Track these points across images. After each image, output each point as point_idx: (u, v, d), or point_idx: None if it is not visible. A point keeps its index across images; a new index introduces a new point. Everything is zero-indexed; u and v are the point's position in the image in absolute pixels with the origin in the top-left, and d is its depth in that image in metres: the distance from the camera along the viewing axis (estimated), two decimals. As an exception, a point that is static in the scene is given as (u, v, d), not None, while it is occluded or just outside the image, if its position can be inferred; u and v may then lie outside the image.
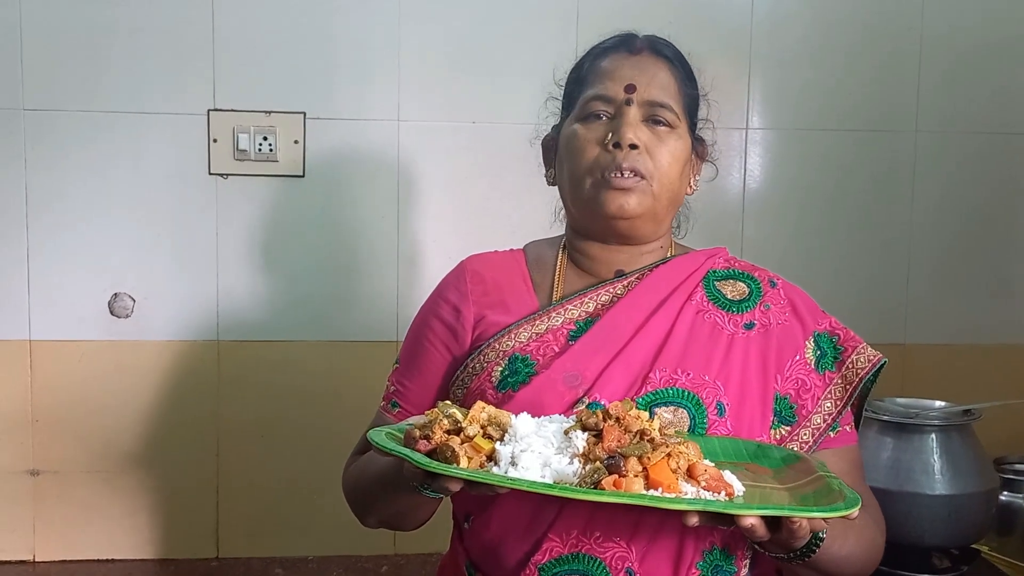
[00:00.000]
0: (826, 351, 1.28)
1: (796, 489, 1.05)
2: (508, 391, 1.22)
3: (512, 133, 2.03)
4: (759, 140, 2.19)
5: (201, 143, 2.05)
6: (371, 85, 2.08)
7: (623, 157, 1.23)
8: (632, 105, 1.25)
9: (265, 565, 2.10)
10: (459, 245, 1.70)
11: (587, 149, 1.25)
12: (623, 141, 1.23)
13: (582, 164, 1.26)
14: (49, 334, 2.06)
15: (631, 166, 1.23)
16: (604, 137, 1.25)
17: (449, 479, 0.97)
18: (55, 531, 2.10)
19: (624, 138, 1.23)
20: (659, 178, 1.25)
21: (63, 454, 2.08)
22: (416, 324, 1.37)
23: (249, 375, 2.10)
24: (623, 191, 1.24)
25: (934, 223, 2.23)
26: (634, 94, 1.25)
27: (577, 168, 1.26)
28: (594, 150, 1.25)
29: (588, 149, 1.25)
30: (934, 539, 1.69)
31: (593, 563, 1.15)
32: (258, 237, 2.09)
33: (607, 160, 1.24)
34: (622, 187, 1.23)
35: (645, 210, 1.25)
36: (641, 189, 1.24)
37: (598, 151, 1.25)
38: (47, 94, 2.01)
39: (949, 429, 1.72)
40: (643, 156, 1.24)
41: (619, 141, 1.23)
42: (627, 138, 1.23)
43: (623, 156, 1.23)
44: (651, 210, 1.26)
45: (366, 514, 1.32)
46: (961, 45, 2.19)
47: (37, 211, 2.03)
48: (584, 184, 1.26)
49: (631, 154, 1.23)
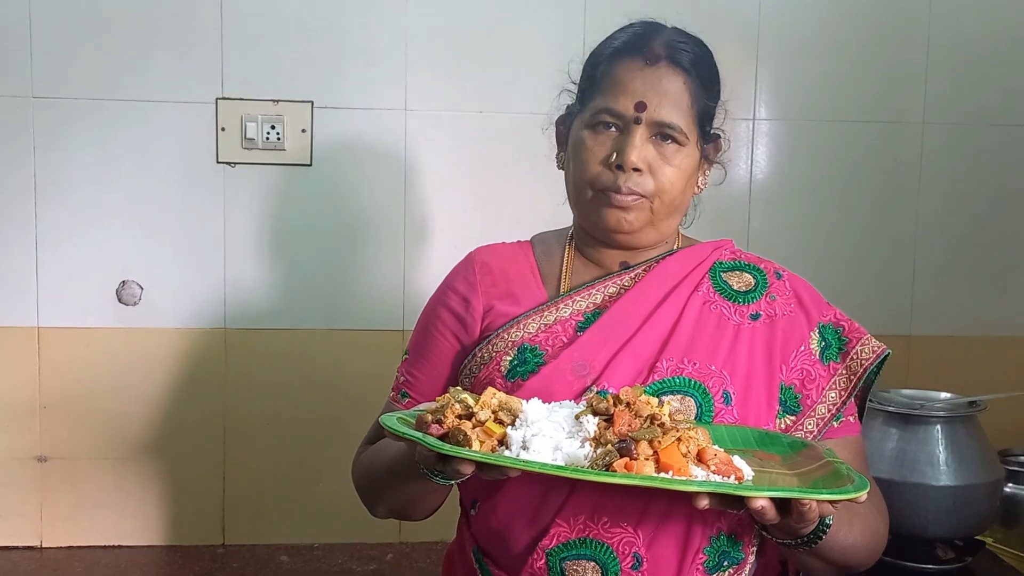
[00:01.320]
0: (831, 342, 1.30)
1: (805, 475, 1.06)
2: (517, 380, 1.23)
3: (519, 123, 2.05)
4: (766, 131, 2.19)
5: (209, 131, 2.05)
6: (379, 74, 2.08)
7: (624, 180, 1.24)
8: (640, 124, 1.24)
9: (271, 552, 2.12)
10: (466, 235, 1.71)
11: (591, 164, 1.26)
12: (626, 164, 1.23)
13: (585, 177, 1.27)
14: (57, 321, 2.07)
15: (631, 188, 1.24)
16: (609, 155, 1.25)
17: (462, 462, 0.98)
18: (62, 517, 2.11)
19: (627, 162, 1.23)
20: (660, 196, 1.26)
21: (70, 440, 2.10)
22: (425, 315, 1.38)
23: (256, 363, 2.11)
24: (622, 208, 1.25)
25: (941, 215, 2.23)
26: (643, 112, 1.24)
27: (580, 179, 1.28)
28: (597, 167, 1.26)
29: (592, 164, 1.26)
30: (939, 530, 1.70)
31: (600, 548, 1.16)
32: (265, 226, 2.10)
33: (609, 179, 1.25)
34: (621, 205, 1.25)
35: (644, 224, 1.27)
36: (640, 207, 1.26)
37: (601, 169, 1.26)
38: (56, 82, 2.02)
39: (954, 421, 1.72)
40: (645, 178, 1.24)
41: (622, 163, 1.23)
42: (630, 161, 1.23)
43: (625, 179, 1.24)
44: (651, 223, 1.28)
45: (376, 503, 1.33)
46: (970, 37, 2.19)
47: (46, 198, 2.04)
48: (586, 195, 1.28)
49: (633, 176, 1.24)
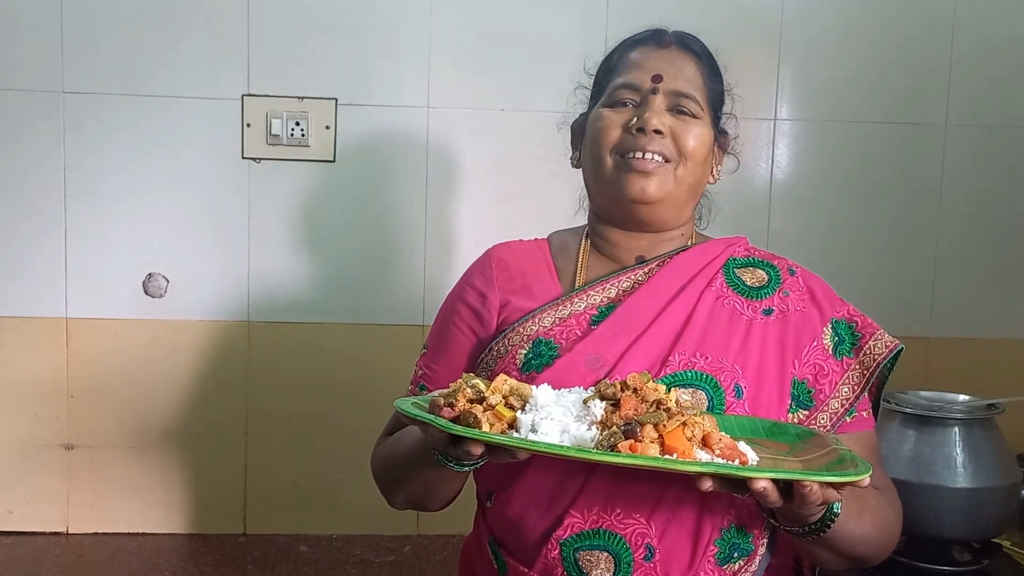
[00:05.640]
0: (844, 337, 1.30)
1: (810, 461, 1.07)
2: (532, 373, 1.24)
3: (540, 121, 2.05)
4: (787, 131, 2.19)
5: (235, 128, 2.09)
6: (402, 72, 2.11)
7: (647, 141, 1.25)
8: (658, 94, 1.27)
9: (291, 542, 2.15)
10: (486, 231, 1.73)
11: (611, 130, 1.28)
12: (647, 127, 1.25)
13: (606, 144, 1.28)
14: (85, 312, 2.11)
15: (655, 149, 1.25)
16: (629, 121, 1.27)
17: (471, 443, 1.00)
18: (88, 504, 2.15)
19: (648, 124, 1.25)
20: (683, 161, 1.27)
21: (97, 429, 2.14)
22: (443, 310, 1.40)
23: (278, 355, 2.14)
24: (644, 174, 1.26)
25: (962, 217, 2.23)
26: (660, 83, 1.28)
27: (600, 149, 1.29)
28: (618, 132, 1.28)
29: (612, 131, 1.28)
30: (955, 532, 1.69)
31: (613, 539, 1.18)
32: (289, 221, 2.12)
33: (631, 142, 1.26)
34: (644, 170, 1.26)
35: (666, 194, 1.27)
36: (664, 172, 1.26)
37: (622, 133, 1.28)
38: (86, 77, 2.06)
39: (972, 423, 1.71)
40: (667, 140, 1.26)
41: (643, 126, 1.25)
42: (651, 124, 1.25)
43: (647, 140, 1.25)
44: (672, 195, 1.28)
45: (393, 493, 1.35)
46: (992, 38, 2.18)
47: (75, 192, 2.08)
48: (606, 164, 1.29)
49: (655, 138, 1.25)
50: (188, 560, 2.08)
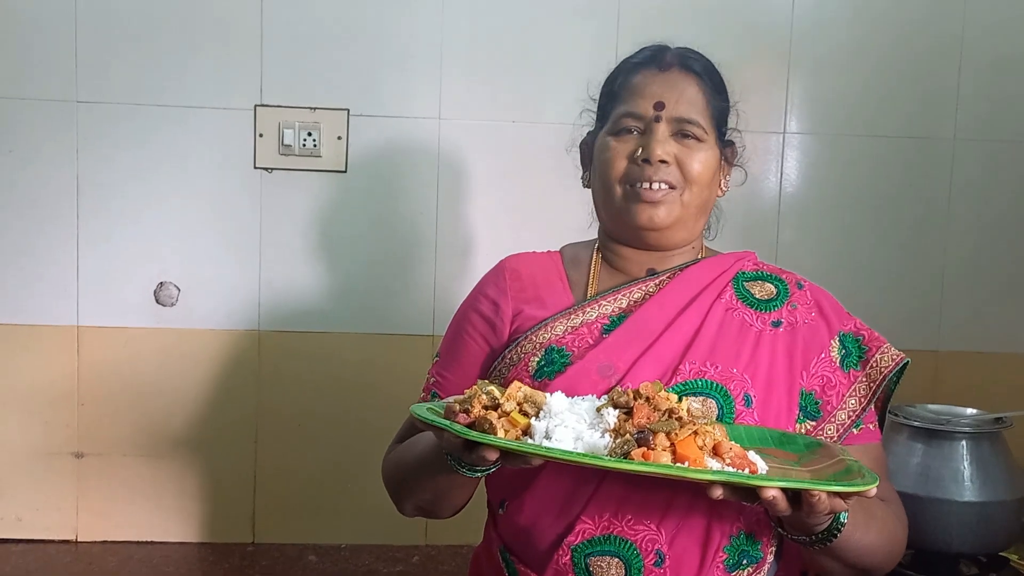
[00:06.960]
0: (851, 350, 1.32)
1: (818, 471, 1.09)
2: (544, 380, 1.26)
3: (551, 133, 2.06)
4: (796, 144, 2.20)
5: (247, 137, 2.10)
6: (414, 83, 2.12)
7: (653, 172, 1.28)
8: (661, 122, 1.30)
9: (299, 551, 2.15)
10: (497, 242, 1.74)
11: (618, 161, 1.31)
12: (652, 157, 1.28)
13: (614, 175, 1.31)
14: (97, 320, 2.12)
15: (661, 178, 1.28)
16: (634, 151, 1.30)
17: (487, 448, 1.02)
18: (97, 512, 2.16)
19: (653, 154, 1.28)
20: (689, 186, 1.30)
21: (107, 437, 2.14)
22: (456, 319, 1.42)
23: (288, 365, 2.15)
24: (652, 204, 1.29)
25: (970, 231, 2.23)
26: (663, 111, 1.30)
27: (608, 179, 1.32)
28: (624, 163, 1.31)
29: (618, 161, 1.31)
30: (962, 546, 1.69)
31: (624, 545, 1.19)
32: (300, 231, 2.14)
33: (637, 173, 1.29)
34: (652, 200, 1.29)
35: (675, 220, 1.31)
36: (671, 200, 1.30)
37: (628, 164, 1.30)
38: (99, 87, 2.07)
39: (980, 437, 1.72)
40: (672, 168, 1.29)
41: (648, 157, 1.28)
42: (656, 154, 1.28)
43: (653, 171, 1.28)
44: (681, 219, 1.31)
45: (404, 499, 1.36)
46: (1001, 54, 2.19)
47: (88, 200, 2.10)
48: (615, 193, 1.32)
49: (661, 168, 1.28)
50: (197, 569, 2.08)
